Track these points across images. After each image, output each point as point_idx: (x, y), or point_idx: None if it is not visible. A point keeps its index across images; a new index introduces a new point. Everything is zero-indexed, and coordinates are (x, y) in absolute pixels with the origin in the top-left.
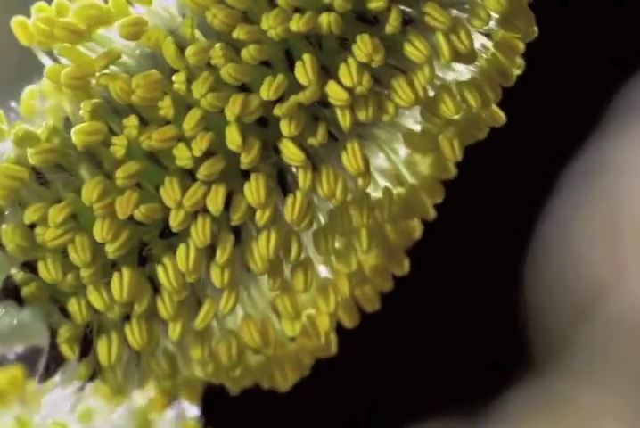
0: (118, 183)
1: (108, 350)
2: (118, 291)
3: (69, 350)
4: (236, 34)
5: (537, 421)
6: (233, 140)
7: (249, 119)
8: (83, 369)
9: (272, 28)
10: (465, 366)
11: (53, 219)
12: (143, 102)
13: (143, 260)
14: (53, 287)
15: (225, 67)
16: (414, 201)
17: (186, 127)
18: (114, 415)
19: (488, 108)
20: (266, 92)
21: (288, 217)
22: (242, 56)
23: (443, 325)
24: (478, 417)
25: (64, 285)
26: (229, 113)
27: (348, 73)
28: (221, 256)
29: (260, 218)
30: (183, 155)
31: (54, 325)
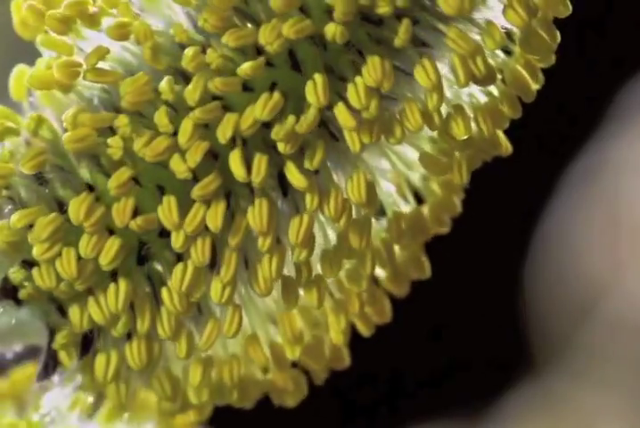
0: (112, 193)
1: (106, 366)
2: (113, 301)
3: (65, 356)
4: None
5: (537, 421)
6: (237, 171)
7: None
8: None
9: (271, 41)
10: (466, 366)
11: (37, 235)
12: (134, 106)
13: (142, 259)
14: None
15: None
16: (423, 223)
17: (181, 141)
18: None
19: (502, 127)
20: (260, 112)
21: (292, 239)
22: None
23: (443, 325)
24: (478, 417)
25: (59, 293)
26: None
27: (356, 96)
28: (225, 274)
29: (262, 244)
30: (179, 169)
31: (53, 325)
